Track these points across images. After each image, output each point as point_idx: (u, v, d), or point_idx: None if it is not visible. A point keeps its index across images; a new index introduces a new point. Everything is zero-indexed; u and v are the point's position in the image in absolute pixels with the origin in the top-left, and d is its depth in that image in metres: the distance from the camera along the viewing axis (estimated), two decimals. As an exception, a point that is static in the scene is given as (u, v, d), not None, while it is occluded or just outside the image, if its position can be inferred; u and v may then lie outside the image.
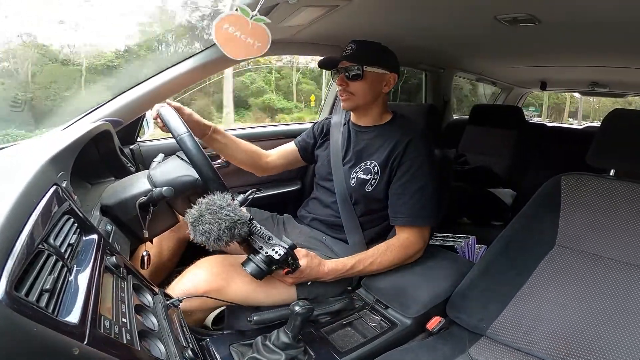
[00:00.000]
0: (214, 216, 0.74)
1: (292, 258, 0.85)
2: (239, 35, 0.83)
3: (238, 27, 0.83)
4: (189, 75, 1.30)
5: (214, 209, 0.75)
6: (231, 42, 0.84)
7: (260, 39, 0.85)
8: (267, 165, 1.29)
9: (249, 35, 0.84)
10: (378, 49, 1.12)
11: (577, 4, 0.97)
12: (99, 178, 1.10)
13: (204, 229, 0.74)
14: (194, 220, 0.75)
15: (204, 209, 0.75)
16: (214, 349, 0.84)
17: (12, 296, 0.37)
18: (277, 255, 0.80)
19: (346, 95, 1.13)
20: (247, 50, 0.85)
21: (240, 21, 0.82)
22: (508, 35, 1.31)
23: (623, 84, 2.57)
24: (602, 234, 0.89)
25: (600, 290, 0.85)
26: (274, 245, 0.82)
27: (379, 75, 1.11)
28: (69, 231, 0.58)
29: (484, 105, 2.83)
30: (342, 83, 1.11)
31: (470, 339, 0.94)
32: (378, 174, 1.10)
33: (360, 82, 1.10)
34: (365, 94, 1.12)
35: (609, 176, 0.94)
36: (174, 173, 0.89)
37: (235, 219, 0.75)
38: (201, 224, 0.74)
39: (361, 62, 1.08)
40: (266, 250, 0.81)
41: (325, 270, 0.97)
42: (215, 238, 0.74)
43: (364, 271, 1.04)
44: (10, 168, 0.68)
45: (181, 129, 0.87)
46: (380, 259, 1.04)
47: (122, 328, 0.50)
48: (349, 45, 1.10)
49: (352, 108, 1.17)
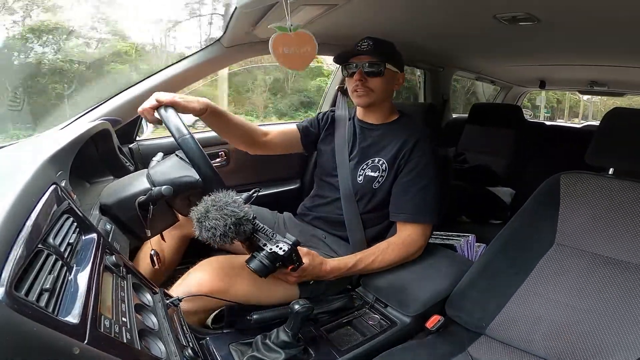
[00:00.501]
0: (220, 212, 0.74)
1: (295, 255, 0.85)
2: (294, 51, 0.87)
3: (288, 44, 0.86)
4: (188, 74, 1.30)
5: (220, 205, 0.75)
6: (292, 59, 0.88)
7: (307, 44, 0.88)
8: (265, 143, 1.21)
9: (297, 45, 0.87)
10: (392, 47, 1.14)
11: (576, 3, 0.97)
12: (98, 177, 1.09)
13: (210, 224, 0.74)
14: (200, 216, 0.75)
15: (210, 205, 0.75)
16: (213, 347, 0.85)
17: (12, 296, 0.37)
18: (281, 251, 0.80)
19: (364, 91, 1.11)
20: (304, 58, 0.89)
21: (285, 38, 0.86)
22: (507, 34, 1.31)
23: (622, 83, 2.57)
24: (601, 232, 0.90)
25: (599, 289, 0.85)
26: (278, 242, 0.81)
27: (394, 73, 1.13)
28: (68, 230, 0.58)
29: (483, 104, 2.83)
30: (362, 78, 1.10)
31: (469, 338, 0.94)
32: (386, 171, 1.11)
33: (380, 79, 1.10)
34: (384, 91, 1.13)
35: (608, 175, 0.95)
36: (174, 173, 0.89)
37: (241, 215, 0.75)
38: (207, 219, 0.74)
39: (383, 58, 1.08)
40: (270, 247, 0.81)
41: (328, 269, 0.97)
42: (221, 234, 0.74)
43: (366, 269, 1.04)
44: (9, 167, 0.68)
45: (182, 130, 0.85)
46: (382, 257, 1.04)
47: (122, 327, 0.50)
48: (364, 42, 1.09)
49: (368, 104, 1.15)
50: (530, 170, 2.10)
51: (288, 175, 1.83)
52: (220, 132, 1.13)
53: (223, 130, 1.12)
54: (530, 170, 2.08)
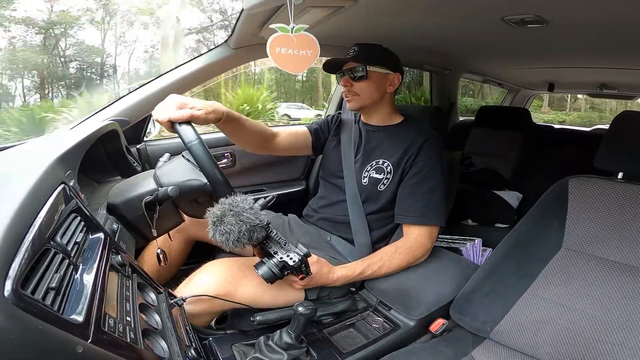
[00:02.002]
0: (236, 218, 0.74)
1: (305, 265, 0.85)
2: (292, 52, 0.86)
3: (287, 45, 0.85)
4: (196, 75, 1.31)
5: (237, 210, 0.74)
6: (289, 61, 0.87)
7: (309, 47, 0.87)
8: (275, 145, 1.20)
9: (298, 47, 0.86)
10: (380, 49, 1.15)
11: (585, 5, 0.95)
12: (105, 177, 1.11)
13: (225, 229, 0.74)
14: (216, 219, 0.75)
15: (227, 209, 0.75)
16: (216, 348, 0.85)
17: (19, 294, 0.38)
18: (291, 261, 0.81)
19: (351, 95, 1.15)
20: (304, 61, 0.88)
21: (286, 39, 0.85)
22: (515, 37, 1.30)
23: (633, 85, 2.53)
24: (609, 237, 0.88)
25: (607, 294, 0.84)
26: (289, 251, 0.82)
27: (383, 75, 1.13)
28: (75, 229, 0.59)
29: (490, 107, 2.80)
30: (347, 84, 1.14)
31: (473, 342, 0.93)
32: (391, 174, 1.11)
33: (365, 82, 1.12)
34: (371, 94, 1.14)
35: (617, 179, 0.93)
36: (180, 174, 0.89)
37: (256, 223, 0.75)
38: (223, 224, 0.74)
39: (364, 62, 1.10)
40: (281, 256, 0.81)
41: (335, 277, 0.98)
42: (235, 239, 0.74)
43: (373, 275, 1.04)
44: (19, 167, 0.69)
45: (191, 135, 0.83)
46: (389, 262, 1.04)
47: (126, 326, 0.51)
48: (352, 49, 1.13)
49: (358, 108, 1.18)
50: (537, 173, 2.07)
51: (293, 177, 1.84)
52: (234, 137, 1.11)
53: (236, 135, 1.10)
54: (538, 174, 2.06)
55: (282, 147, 1.22)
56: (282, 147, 1.22)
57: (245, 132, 1.08)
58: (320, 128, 1.30)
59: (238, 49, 1.30)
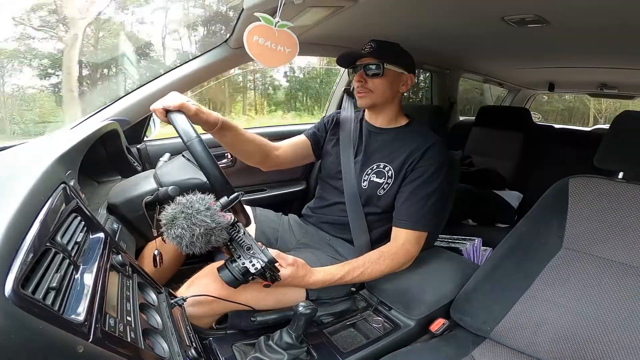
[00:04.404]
0: (187, 221, 0.69)
1: (270, 271, 0.81)
2: (269, 45, 0.85)
3: (267, 37, 0.84)
4: (196, 75, 1.31)
5: (189, 212, 0.70)
6: (264, 53, 0.85)
7: (288, 45, 0.86)
8: (277, 159, 1.17)
9: (278, 42, 0.85)
10: (398, 48, 1.13)
11: (586, 4, 0.95)
12: (106, 177, 1.11)
13: (175, 233, 0.70)
14: (166, 222, 0.71)
15: (178, 211, 0.70)
16: (217, 348, 0.85)
17: (19, 294, 0.38)
18: (253, 268, 0.77)
19: (364, 91, 1.11)
20: (279, 57, 0.87)
21: (267, 31, 0.83)
22: (515, 36, 1.30)
23: (633, 85, 2.54)
24: (609, 237, 0.88)
25: (607, 294, 0.84)
26: (253, 256, 0.78)
27: (398, 74, 1.11)
28: (76, 229, 0.59)
29: (491, 107, 2.81)
30: (361, 79, 1.10)
31: (473, 342, 0.93)
32: (392, 178, 1.09)
33: (380, 80, 1.09)
34: (384, 92, 1.11)
35: (618, 179, 0.93)
36: (180, 174, 0.90)
37: (212, 226, 0.71)
38: (173, 227, 0.70)
39: (382, 59, 1.08)
40: (243, 261, 0.77)
41: (311, 281, 0.94)
42: (187, 243, 0.70)
43: (354, 281, 1.02)
44: (19, 166, 0.69)
45: (191, 133, 0.82)
46: (371, 268, 1.01)
47: (126, 326, 0.51)
48: (368, 44, 1.10)
49: (369, 105, 1.15)
50: (537, 173, 2.08)
51: (294, 177, 1.84)
52: (231, 148, 1.07)
53: (234, 146, 1.06)
54: (538, 174, 2.06)
55: (284, 161, 1.20)
56: (284, 161, 1.20)
57: (243, 143, 1.05)
58: (318, 130, 1.28)
59: (238, 49, 1.30)
